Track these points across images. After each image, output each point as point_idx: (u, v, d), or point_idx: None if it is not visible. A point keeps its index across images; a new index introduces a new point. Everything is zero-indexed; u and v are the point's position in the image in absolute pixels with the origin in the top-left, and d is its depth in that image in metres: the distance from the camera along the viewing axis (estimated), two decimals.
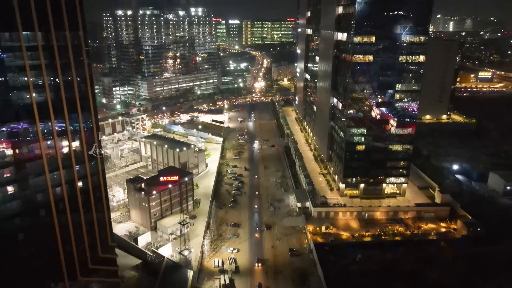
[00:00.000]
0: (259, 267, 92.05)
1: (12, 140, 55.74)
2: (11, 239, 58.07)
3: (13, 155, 56.37)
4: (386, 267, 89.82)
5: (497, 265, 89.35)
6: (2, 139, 55.21)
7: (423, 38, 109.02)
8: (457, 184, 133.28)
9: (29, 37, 53.69)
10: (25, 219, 58.76)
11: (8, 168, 56.10)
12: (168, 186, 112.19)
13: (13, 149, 56.11)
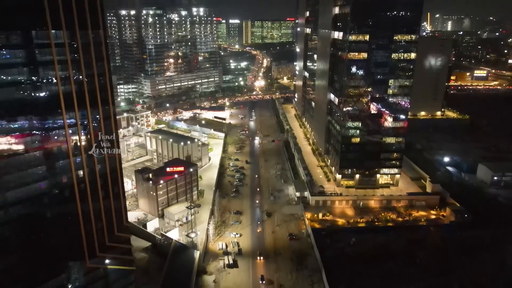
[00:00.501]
0: (260, 260, 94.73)
1: (42, 127, 62.59)
2: (40, 216, 65.05)
3: (42, 140, 63.21)
4: (378, 249, 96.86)
5: (482, 246, 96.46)
6: (33, 126, 62.05)
7: (414, 37, 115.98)
8: (448, 175, 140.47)
9: (57, 35, 60.53)
10: (52, 198, 65.62)
11: (38, 151, 62.88)
12: (174, 176, 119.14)
13: (42, 135, 62.95)
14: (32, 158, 62.66)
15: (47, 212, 66.07)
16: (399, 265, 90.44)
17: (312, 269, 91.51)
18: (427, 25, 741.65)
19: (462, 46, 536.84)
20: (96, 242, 72.99)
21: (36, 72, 60.71)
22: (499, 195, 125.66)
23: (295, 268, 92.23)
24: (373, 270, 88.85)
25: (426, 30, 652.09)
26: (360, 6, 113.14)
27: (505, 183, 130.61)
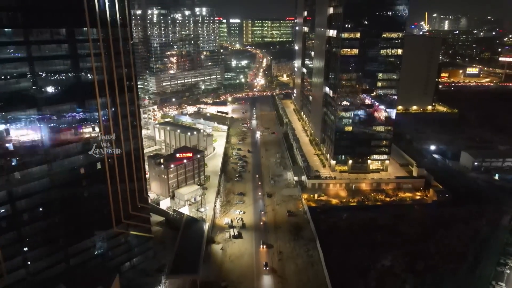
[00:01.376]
0: (264, 248, 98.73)
1: (76, 109, 74.84)
2: (78, 184, 77.43)
3: (79, 121, 75.46)
4: (366, 222, 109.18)
5: (457, 220, 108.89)
6: (71, 108, 74.26)
7: (400, 34, 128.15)
8: (434, 162, 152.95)
9: (93, 32, 72.61)
10: (87, 168, 77.90)
11: (73, 126, 75.12)
12: (183, 162, 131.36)
13: (79, 117, 75.21)
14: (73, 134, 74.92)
15: (84, 182, 78.43)
16: (384, 235, 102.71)
17: (307, 239, 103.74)
18: (424, 24, 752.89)
19: (458, 45, 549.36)
20: (121, 210, 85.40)
21: (76, 63, 72.89)
22: (479, 178, 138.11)
23: (293, 238, 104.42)
24: (361, 239, 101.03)
25: (423, 29, 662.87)
26: (351, 6, 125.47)
27: (484, 168, 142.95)
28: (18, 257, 70.96)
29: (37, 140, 69.70)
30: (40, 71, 68.85)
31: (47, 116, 70.32)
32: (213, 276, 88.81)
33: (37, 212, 73.11)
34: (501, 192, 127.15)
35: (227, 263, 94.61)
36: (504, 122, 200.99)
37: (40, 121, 69.13)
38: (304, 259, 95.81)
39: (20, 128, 67.79)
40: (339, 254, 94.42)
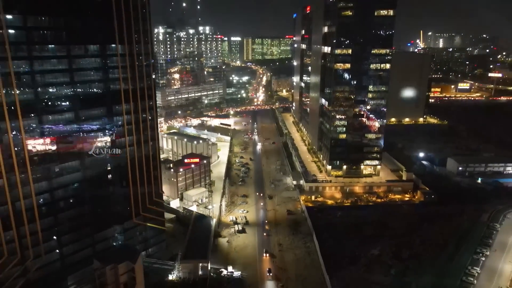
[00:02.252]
0: (267, 257, 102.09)
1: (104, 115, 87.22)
2: (105, 179, 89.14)
3: (106, 124, 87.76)
4: (358, 219, 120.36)
5: (440, 217, 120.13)
6: (101, 112, 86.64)
7: (388, 51, 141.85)
8: (422, 167, 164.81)
9: (122, 47, 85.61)
10: (112, 165, 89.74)
11: (102, 128, 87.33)
12: (191, 166, 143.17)
13: (107, 120, 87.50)
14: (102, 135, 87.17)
15: (109, 177, 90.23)
16: (374, 230, 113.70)
17: (305, 233, 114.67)
18: (419, 42, 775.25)
19: (452, 61, 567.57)
20: (140, 204, 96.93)
21: (106, 74, 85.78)
22: (462, 181, 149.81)
23: (292, 233, 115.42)
24: (353, 233, 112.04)
25: (418, 47, 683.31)
26: (343, 26, 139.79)
27: (468, 173, 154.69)
28: (54, 240, 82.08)
29: (72, 139, 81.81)
30: (77, 80, 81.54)
31: (81, 119, 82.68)
32: (221, 262, 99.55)
33: (70, 201, 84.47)
34: (482, 194, 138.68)
35: (232, 253, 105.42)
36: (491, 133, 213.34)
37: (75, 123, 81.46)
38: (302, 250, 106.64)
39: (58, 128, 79.95)
40: (333, 245, 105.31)
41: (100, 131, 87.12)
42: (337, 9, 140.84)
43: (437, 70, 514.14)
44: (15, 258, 75.52)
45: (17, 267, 76.26)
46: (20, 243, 75.94)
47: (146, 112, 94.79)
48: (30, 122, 74.45)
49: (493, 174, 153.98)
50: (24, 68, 72.75)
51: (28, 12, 71.53)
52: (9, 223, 73.29)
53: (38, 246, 78.74)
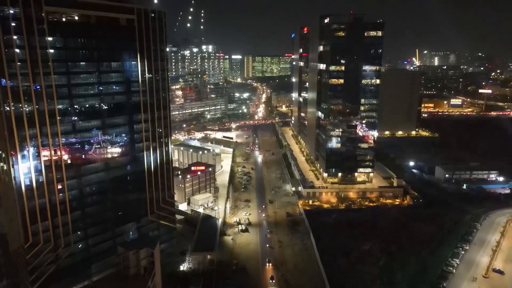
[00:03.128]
0: (269, 266, 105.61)
1: (126, 123, 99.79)
2: (124, 179, 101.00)
3: (127, 130, 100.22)
4: (351, 220, 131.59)
5: (426, 217, 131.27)
6: (123, 120, 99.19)
7: (378, 67, 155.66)
8: (412, 175, 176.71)
9: (141, 64, 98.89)
10: (132, 167, 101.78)
11: (123, 134, 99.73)
12: (197, 173, 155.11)
13: (127, 127, 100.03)
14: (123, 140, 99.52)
15: (128, 178, 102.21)
16: (366, 229, 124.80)
17: (303, 232, 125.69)
18: (415, 60, 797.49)
19: (446, 79, 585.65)
20: (154, 203, 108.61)
21: (128, 86, 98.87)
22: (449, 187, 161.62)
23: (291, 232, 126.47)
24: (347, 232, 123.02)
25: (414, 64, 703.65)
26: (337, 45, 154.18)
27: (455, 180, 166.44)
28: (81, 231, 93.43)
29: (98, 143, 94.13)
30: (103, 92, 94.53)
31: (107, 126, 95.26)
32: (226, 257, 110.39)
33: (95, 199, 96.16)
34: (466, 198, 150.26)
35: (237, 249, 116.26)
36: (479, 145, 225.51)
37: (100, 129, 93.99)
38: (299, 246, 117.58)
39: (86, 133, 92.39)
40: (328, 242, 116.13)
41: (122, 137, 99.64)
42: (331, 30, 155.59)
43: (432, 87, 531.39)
44: (49, 245, 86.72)
45: (50, 254, 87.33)
46: (54, 233, 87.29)
47: (161, 120, 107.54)
48: (65, 128, 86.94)
49: (477, 181, 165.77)
50: (62, 81, 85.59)
51: (67, 35, 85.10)
52: (45, 215, 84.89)
53: (68, 236, 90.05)
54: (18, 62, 76.27)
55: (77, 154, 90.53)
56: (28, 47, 77.03)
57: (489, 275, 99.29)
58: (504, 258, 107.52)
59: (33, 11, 76.59)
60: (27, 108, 78.98)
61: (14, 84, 76.58)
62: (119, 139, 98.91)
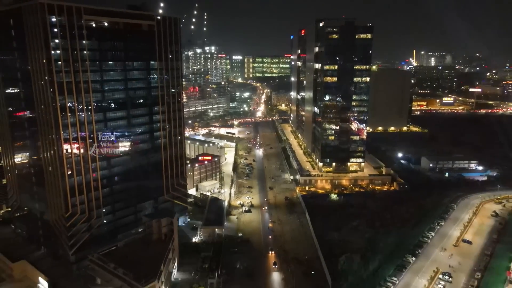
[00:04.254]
0: (272, 254, 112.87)
1: (147, 113, 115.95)
2: (145, 162, 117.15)
3: (147, 120, 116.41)
4: (343, 202, 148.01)
5: (409, 200, 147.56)
6: (144, 111, 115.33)
7: (367, 66, 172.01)
8: (400, 165, 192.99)
9: (158, 63, 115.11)
10: (151, 151, 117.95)
11: (144, 123, 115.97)
12: (204, 162, 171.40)
13: (148, 117, 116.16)
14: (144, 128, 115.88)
15: (148, 161, 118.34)
16: (355, 209, 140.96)
17: (299, 213, 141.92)
18: (412, 60, 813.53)
19: (441, 78, 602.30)
20: (170, 184, 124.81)
21: (149, 83, 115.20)
22: (432, 175, 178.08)
23: (288, 212, 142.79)
24: (339, 212, 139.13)
25: (410, 65, 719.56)
26: (330, 47, 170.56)
27: (438, 169, 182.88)
28: (110, 205, 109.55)
29: (123, 130, 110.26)
30: (128, 87, 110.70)
31: (130, 115, 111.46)
32: (232, 231, 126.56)
33: (121, 177, 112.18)
34: (447, 184, 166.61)
35: (241, 226, 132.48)
36: (466, 140, 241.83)
37: (126, 119, 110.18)
38: (296, 224, 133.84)
39: (114, 122, 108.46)
40: (321, 220, 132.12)
41: (143, 125, 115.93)
42: (325, 33, 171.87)
43: (427, 86, 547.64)
44: (84, 216, 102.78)
45: (85, 224, 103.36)
46: (88, 206, 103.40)
47: (176, 112, 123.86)
48: (98, 117, 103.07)
49: (458, 170, 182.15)
50: (96, 78, 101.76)
51: (100, 39, 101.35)
52: (82, 190, 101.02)
53: (99, 209, 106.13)
54: (62, 61, 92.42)
55: (106, 140, 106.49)
56: (70, 49, 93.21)
57: (459, 245, 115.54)
58: (474, 232, 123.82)
59: (75, 20, 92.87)
60: (68, 99, 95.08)
61: (59, 80, 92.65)
62: (141, 128, 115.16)
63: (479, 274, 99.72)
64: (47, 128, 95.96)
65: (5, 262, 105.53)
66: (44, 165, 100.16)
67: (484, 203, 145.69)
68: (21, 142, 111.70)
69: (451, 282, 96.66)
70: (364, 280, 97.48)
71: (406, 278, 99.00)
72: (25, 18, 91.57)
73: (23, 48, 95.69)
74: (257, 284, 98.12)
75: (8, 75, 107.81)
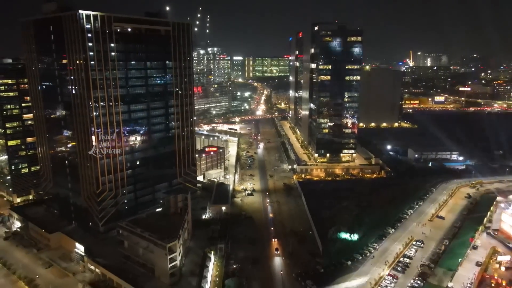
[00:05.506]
0: (275, 241, 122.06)
1: (163, 106, 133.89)
2: (161, 148, 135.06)
3: (163, 111, 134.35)
4: (335, 187, 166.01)
5: (394, 185, 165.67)
6: (161, 104, 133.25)
7: (358, 66, 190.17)
8: (389, 156, 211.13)
9: (173, 63, 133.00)
10: (166, 140, 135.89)
11: (160, 114, 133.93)
12: (211, 153, 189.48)
13: (163, 109, 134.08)
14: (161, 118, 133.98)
15: (164, 148, 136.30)
16: (346, 192, 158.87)
17: (296, 196, 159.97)
18: (409, 61, 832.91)
19: (436, 78, 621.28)
20: (182, 169, 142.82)
21: (165, 78, 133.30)
22: (417, 165, 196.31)
23: (286, 195, 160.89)
24: (331, 195, 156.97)
25: (407, 66, 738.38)
26: (324, 48, 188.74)
27: (423, 159, 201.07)
28: (132, 185, 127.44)
29: (143, 120, 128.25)
30: (148, 83, 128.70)
31: (150, 108, 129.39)
32: (237, 210, 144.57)
33: (141, 162, 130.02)
34: (429, 172, 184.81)
35: (244, 206, 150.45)
36: (452, 135, 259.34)
37: (146, 111, 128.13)
38: (293, 204, 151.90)
39: (136, 113, 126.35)
40: (315, 201, 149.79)
41: (160, 117, 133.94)
42: (320, 36, 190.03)
43: (422, 86, 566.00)
44: (111, 193, 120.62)
45: (111, 200, 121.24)
46: (115, 185, 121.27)
47: (188, 106, 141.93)
48: (123, 109, 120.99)
49: (441, 160, 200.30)
50: (122, 75, 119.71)
51: (125, 42, 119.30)
52: (110, 170, 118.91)
53: (124, 188, 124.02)
54: (96, 61, 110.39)
55: (130, 128, 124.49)
56: (102, 51, 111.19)
57: (433, 220, 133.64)
58: (448, 210, 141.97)
59: (106, 26, 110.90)
60: (100, 92, 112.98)
61: (93, 77, 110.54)
62: (158, 119, 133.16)
63: (447, 241, 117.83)
64: (82, 118, 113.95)
65: (42, 234, 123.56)
66: (79, 150, 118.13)
67: (460, 187, 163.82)
68: (57, 133, 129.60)
69: (422, 247, 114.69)
70: (349, 246, 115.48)
71: (385, 245, 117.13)
72: (65, 25, 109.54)
73: (60, 49, 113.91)
74: (258, 249, 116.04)
75: (46, 73, 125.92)
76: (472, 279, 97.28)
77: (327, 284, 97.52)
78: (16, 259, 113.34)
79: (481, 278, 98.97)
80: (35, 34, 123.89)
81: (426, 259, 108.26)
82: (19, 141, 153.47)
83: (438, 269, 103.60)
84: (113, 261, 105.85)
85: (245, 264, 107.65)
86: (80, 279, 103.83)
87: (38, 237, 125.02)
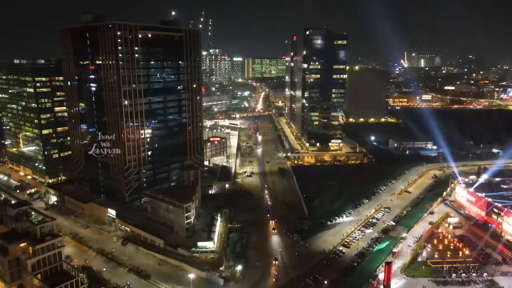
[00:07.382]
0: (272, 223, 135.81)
1: (176, 99, 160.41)
2: (175, 134, 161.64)
3: (177, 103, 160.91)
4: (323, 171, 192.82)
5: (373, 168, 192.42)
6: (175, 97, 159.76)
7: (344, 66, 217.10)
8: (372, 146, 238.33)
9: (185, 63, 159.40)
10: (180, 128, 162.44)
11: (175, 106, 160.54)
12: (215, 142, 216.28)
13: (177, 102, 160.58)
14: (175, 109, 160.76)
15: (178, 134, 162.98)
16: (331, 174, 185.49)
17: (289, 177, 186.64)
18: (403, 62, 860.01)
19: (427, 78, 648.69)
20: (192, 152, 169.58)
21: (178, 75, 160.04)
22: (395, 152, 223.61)
23: (280, 176, 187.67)
24: (319, 176, 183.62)
25: (400, 67, 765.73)
26: (315, 50, 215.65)
27: (401, 148, 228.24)
28: (151, 164, 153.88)
29: (161, 110, 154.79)
30: (165, 79, 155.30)
31: (166, 100, 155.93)
32: (238, 187, 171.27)
33: (158, 145, 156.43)
34: (406, 159, 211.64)
35: (245, 184, 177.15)
36: (434, 129, 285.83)
37: (163, 103, 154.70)
38: (286, 183, 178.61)
39: (155, 104, 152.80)
40: (305, 181, 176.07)
41: (174, 108, 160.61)
42: (311, 39, 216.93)
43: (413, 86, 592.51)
44: (135, 170, 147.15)
45: (135, 175, 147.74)
46: (138, 163, 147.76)
47: (197, 98, 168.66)
48: (145, 101, 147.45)
49: (417, 148, 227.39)
50: (144, 73, 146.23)
51: (147, 45, 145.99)
52: (135, 150, 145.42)
53: (145, 165, 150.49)
54: (124, 62, 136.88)
55: (150, 116, 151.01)
56: (130, 53, 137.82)
57: (402, 193, 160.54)
58: (415, 187, 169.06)
59: (133, 33, 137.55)
60: (128, 87, 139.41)
61: (122, 74, 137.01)
62: (172, 110, 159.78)
63: (410, 208, 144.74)
64: (112, 107, 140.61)
65: (77, 204, 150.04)
66: (109, 133, 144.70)
67: (429, 170, 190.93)
68: (89, 122, 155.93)
69: (389, 212, 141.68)
70: (329, 212, 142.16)
71: (359, 211, 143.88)
72: (100, 33, 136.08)
73: (95, 52, 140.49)
74: (256, 215, 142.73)
75: (81, 71, 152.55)
76: (423, 233, 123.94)
77: (309, 236, 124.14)
78: (58, 223, 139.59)
79: (431, 232, 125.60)
80: (72, 39, 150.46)
81: (390, 220, 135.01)
82: (51, 130, 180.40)
83: (398, 227, 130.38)
84: (139, 222, 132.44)
85: (245, 225, 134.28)
86: (114, 234, 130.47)
87: (74, 207, 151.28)
